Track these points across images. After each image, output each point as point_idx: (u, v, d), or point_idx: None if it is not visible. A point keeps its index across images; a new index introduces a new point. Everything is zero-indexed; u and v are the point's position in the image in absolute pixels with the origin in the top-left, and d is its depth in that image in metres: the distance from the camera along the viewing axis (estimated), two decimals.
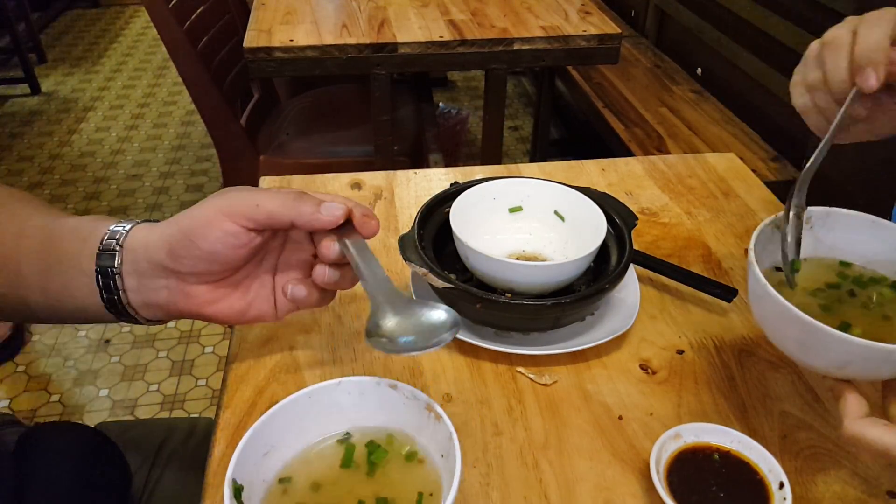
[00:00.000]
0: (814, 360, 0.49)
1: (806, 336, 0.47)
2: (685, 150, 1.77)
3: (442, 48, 1.50)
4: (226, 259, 0.50)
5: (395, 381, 0.49)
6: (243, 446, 0.44)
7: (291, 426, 0.48)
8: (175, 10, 1.52)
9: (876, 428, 0.43)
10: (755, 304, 0.53)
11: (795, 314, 0.47)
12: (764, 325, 0.53)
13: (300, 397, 0.48)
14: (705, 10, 2.12)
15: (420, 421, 0.48)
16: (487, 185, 0.72)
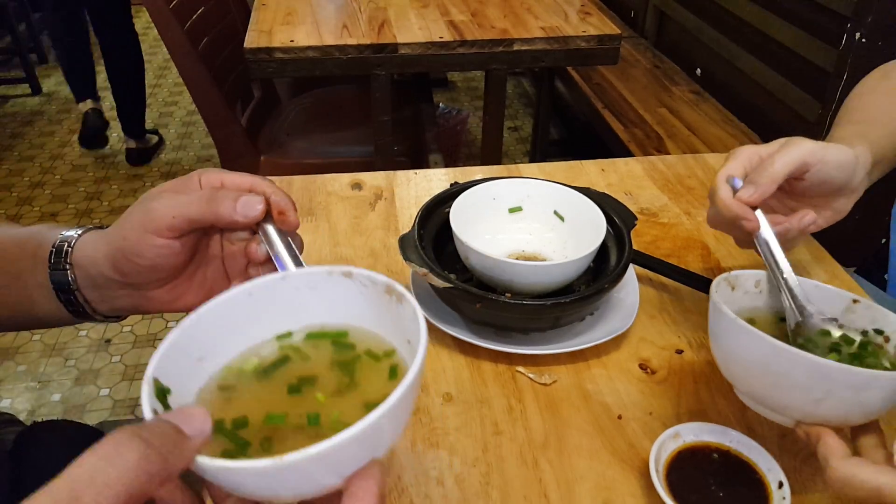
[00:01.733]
0: (788, 398, 0.47)
1: (783, 366, 0.46)
2: (684, 150, 1.77)
3: (442, 49, 1.51)
4: (169, 266, 0.49)
5: (350, 268, 0.44)
6: (169, 344, 0.39)
7: (230, 329, 0.43)
8: (176, 11, 1.52)
9: (865, 467, 0.42)
10: (722, 345, 0.52)
11: (774, 344, 0.45)
12: (733, 367, 0.51)
13: (238, 294, 0.43)
14: (705, 10, 2.12)
15: (381, 309, 0.43)
16: (487, 185, 0.72)
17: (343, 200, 0.86)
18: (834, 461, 0.44)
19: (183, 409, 0.34)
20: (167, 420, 0.32)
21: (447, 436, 0.57)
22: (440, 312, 0.66)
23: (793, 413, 0.48)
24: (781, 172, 0.56)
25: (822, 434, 0.46)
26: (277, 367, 0.43)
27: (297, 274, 0.44)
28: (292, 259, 0.48)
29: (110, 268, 0.49)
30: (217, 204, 0.47)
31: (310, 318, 0.45)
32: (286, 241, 0.49)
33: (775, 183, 0.56)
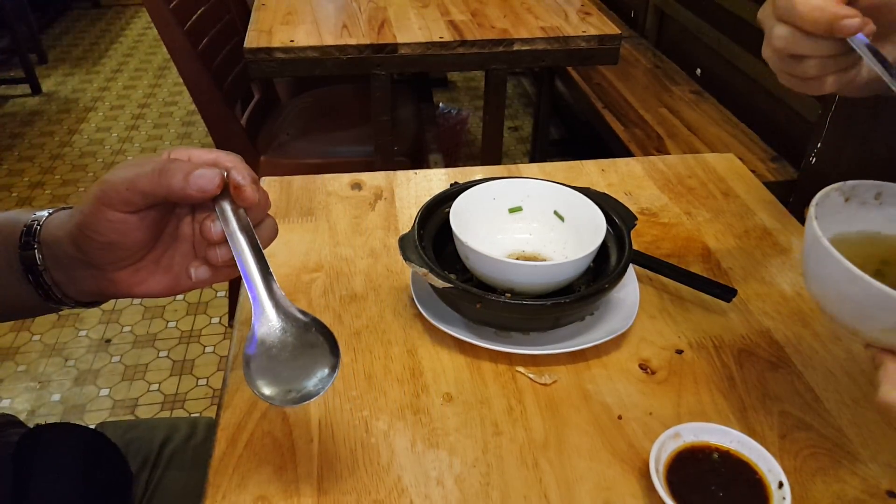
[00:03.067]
0: (860, 323, 0.47)
1: (856, 292, 0.45)
2: (685, 150, 1.77)
3: (442, 49, 1.50)
4: (127, 245, 0.47)
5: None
6: None
7: None
8: (176, 11, 1.52)
9: None
10: (812, 267, 0.50)
11: (848, 268, 0.45)
12: (813, 284, 0.50)
13: None
14: (705, 10, 2.12)
15: None
16: (487, 185, 0.72)
17: (343, 200, 0.86)
18: (883, 387, 0.44)
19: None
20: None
21: (447, 436, 0.57)
22: (440, 312, 0.66)
23: (863, 337, 0.48)
24: None
25: (886, 360, 0.45)
26: None
27: None
28: (248, 242, 0.46)
29: (72, 245, 0.48)
30: (169, 176, 0.44)
31: None
32: (245, 222, 0.47)
33: None
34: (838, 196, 0.53)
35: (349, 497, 0.52)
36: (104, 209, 0.45)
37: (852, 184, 0.52)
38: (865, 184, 0.53)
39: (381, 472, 0.54)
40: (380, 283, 0.73)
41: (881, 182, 0.53)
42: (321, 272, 0.74)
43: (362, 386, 0.61)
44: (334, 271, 0.75)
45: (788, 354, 0.65)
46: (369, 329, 0.67)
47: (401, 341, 0.66)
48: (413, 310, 0.68)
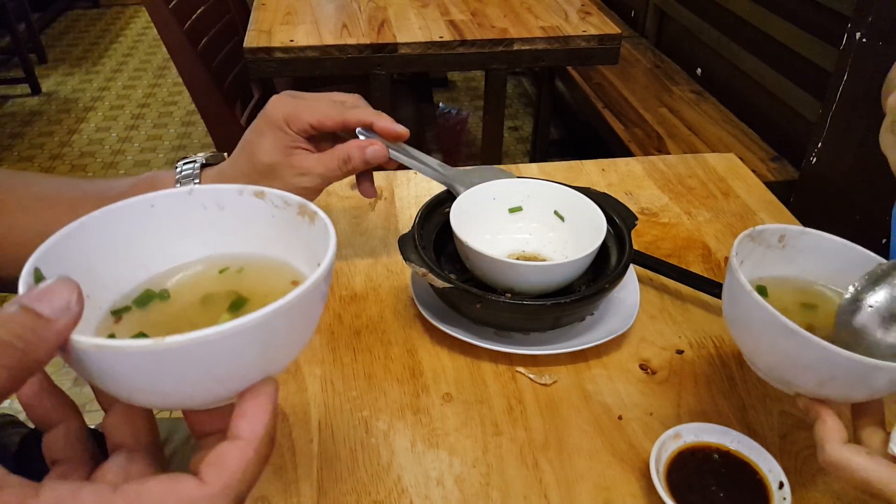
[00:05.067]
0: (794, 376, 0.47)
1: (790, 346, 0.45)
2: (685, 150, 1.77)
3: (442, 48, 1.50)
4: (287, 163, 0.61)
5: (263, 188, 0.40)
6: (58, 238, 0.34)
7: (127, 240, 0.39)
8: (175, 11, 1.52)
9: (859, 457, 0.42)
10: (734, 313, 0.50)
11: (784, 323, 0.44)
12: (742, 336, 0.51)
13: (139, 203, 0.39)
14: (705, 10, 2.12)
15: (292, 233, 0.40)
16: (487, 185, 0.72)
17: (343, 200, 0.86)
18: (829, 445, 0.43)
19: (42, 286, 0.28)
20: (23, 304, 0.27)
21: (447, 436, 0.57)
22: (440, 312, 0.66)
23: (797, 389, 0.47)
24: None
25: (822, 413, 0.45)
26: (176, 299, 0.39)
27: (204, 189, 0.40)
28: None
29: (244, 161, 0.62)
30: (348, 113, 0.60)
31: (213, 246, 0.41)
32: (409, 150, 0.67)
33: None
34: (749, 242, 0.53)
35: (349, 497, 0.52)
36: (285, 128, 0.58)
37: (759, 229, 0.53)
38: (770, 228, 0.54)
39: (381, 473, 0.54)
40: (380, 283, 0.73)
41: (783, 225, 0.54)
42: None
43: (362, 386, 0.61)
44: (334, 271, 0.74)
45: None
46: (369, 329, 0.67)
47: (401, 341, 0.66)
48: (413, 310, 0.68)
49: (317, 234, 0.38)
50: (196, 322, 0.37)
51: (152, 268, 0.40)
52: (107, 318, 0.36)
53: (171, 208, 0.40)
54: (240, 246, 0.41)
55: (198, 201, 0.40)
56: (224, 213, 0.41)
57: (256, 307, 0.31)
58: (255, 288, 0.39)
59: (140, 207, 0.39)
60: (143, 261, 0.40)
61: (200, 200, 0.40)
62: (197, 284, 0.40)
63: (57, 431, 0.32)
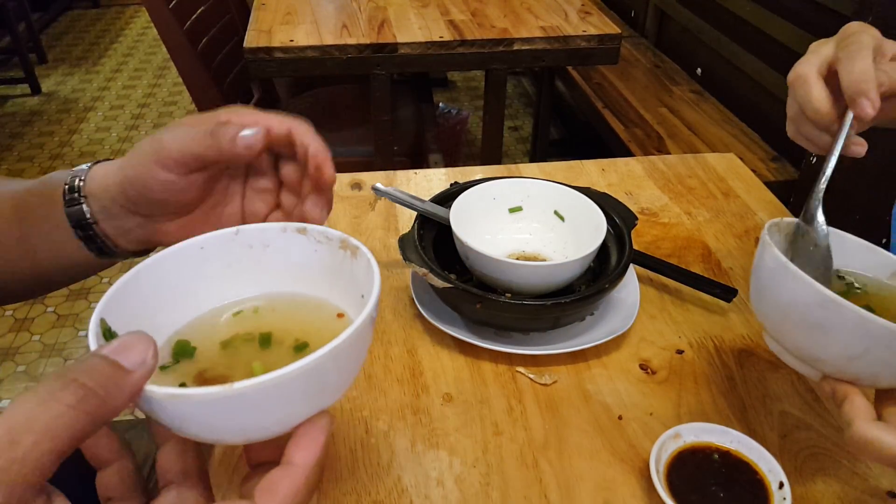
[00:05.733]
0: (823, 350, 0.45)
1: (825, 316, 0.44)
2: (685, 150, 1.77)
3: (442, 48, 1.50)
4: (178, 202, 0.48)
5: (305, 224, 0.43)
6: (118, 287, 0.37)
7: (181, 284, 0.41)
8: (175, 11, 1.52)
9: (888, 433, 0.42)
10: (763, 288, 0.49)
11: (821, 291, 0.43)
12: (770, 311, 0.49)
13: (189, 246, 0.42)
14: (705, 10, 2.12)
15: (335, 266, 0.43)
16: (487, 185, 0.72)
17: (343, 200, 0.86)
18: (857, 422, 0.43)
19: (122, 340, 0.31)
20: (104, 356, 0.30)
21: (447, 436, 0.57)
22: (440, 312, 0.66)
23: (824, 367, 0.46)
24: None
25: (850, 393, 0.45)
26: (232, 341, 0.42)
27: (249, 230, 0.43)
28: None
29: (121, 195, 0.48)
30: (219, 137, 0.45)
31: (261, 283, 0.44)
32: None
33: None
34: (776, 230, 0.53)
35: (349, 497, 0.52)
36: (156, 168, 0.46)
37: (788, 221, 0.53)
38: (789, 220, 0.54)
39: (381, 473, 0.54)
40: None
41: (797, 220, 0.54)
42: None
43: (362, 386, 0.61)
44: None
45: None
46: None
47: (401, 341, 0.66)
48: (413, 310, 0.68)
49: (359, 267, 0.41)
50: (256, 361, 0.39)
51: (204, 308, 0.43)
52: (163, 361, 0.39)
53: (219, 249, 0.43)
54: (286, 281, 0.44)
55: (244, 241, 0.43)
56: (269, 251, 0.44)
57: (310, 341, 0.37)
58: (305, 323, 0.42)
59: (190, 251, 0.42)
60: (197, 302, 0.42)
61: (246, 240, 0.43)
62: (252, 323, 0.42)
63: (111, 469, 0.35)
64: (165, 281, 0.41)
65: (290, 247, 0.44)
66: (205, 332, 0.42)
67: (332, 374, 0.34)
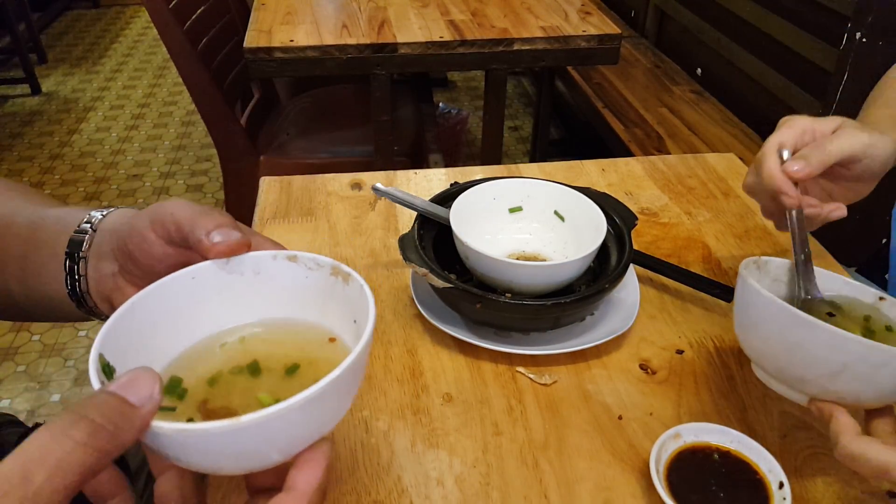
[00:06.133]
0: (804, 370, 0.48)
1: (803, 336, 0.46)
2: (685, 150, 1.77)
3: (442, 48, 1.50)
4: (145, 267, 0.47)
5: (296, 252, 0.44)
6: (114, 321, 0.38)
7: (174, 315, 0.42)
8: (175, 11, 1.52)
9: (875, 446, 0.43)
10: (743, 313, 0.53)
11: (794, 313, 0.46)
12: (753, 339, 0.53)
13: (181, 276, 0.42)
14: (705, 10, 2.12)
15: (326, 291, 0.44)
16: (487, 185, 0.72)
17: (343, 200, 0.86)
18: (844, 438, 0.45)
19: (129, 376, 0.32)
20: (112, 392, 0.31)
21: (447, 436, 0.57)
22: (440, 312, 0.66)
23: (808, 388, 0.49)
24: (834, 157, 0.57)
25: (835, 411, 0.47)
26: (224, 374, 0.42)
27: (241, 258, 0.44)
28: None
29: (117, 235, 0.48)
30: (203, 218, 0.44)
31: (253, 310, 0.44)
32: None
33: (825, 166, 0.57)
34: (755, 267, 0.57)
35: (349, 497, 0.52)
36: (147, 229, 0.46)
37: (765, 259, 0.58)
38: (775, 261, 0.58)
39: (381, 473, 0.54)
40: (380, 283, 0.73)
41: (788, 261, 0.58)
42: None
43: (362, 386, 0.61)
44: None
45: None
46: None
47: (401, 341, 0.66)
48: (413, 310, 0.68)
49: (352, 292, 0.42)
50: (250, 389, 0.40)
51: (197, 337, 0.43)
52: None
53: (211, 278, 0.43)
54: (278, 307, 0.45)
55: (235, 269, 0.44)
56: (260, 278, 0.44)
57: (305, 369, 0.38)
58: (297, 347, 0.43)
59: (182, 280, 0.42)
60: (190, 332, 0.43)
61: (237, 268, 0.44)
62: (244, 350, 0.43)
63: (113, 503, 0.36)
64: (159, 312, 0.41)
65: (281, 273, 0.44)
66: (196, 363, 0.42)
67: (334, 400, 0.35)
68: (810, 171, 0.56)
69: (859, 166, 0.59)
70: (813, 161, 0.57)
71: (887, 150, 0.59)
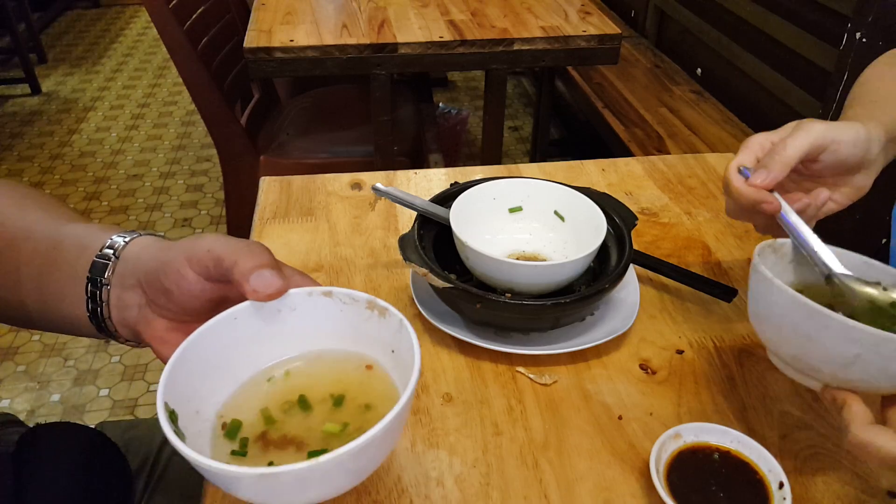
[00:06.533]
0: (817, 360, 0.48)
1: (814, 327, 0.46)
2: (685, 150, 1.77)
3: (442, 48, 1.50)
4: (181, 303, 0.48)
5: (331, 288, 0.46)
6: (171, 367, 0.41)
7: (221, 354, 0.45)
8: (175, 11, 1.52)
9: (885, 435, 0.43)
10: (757, 302, 0.53)
11: (805, 303, 0.46)
12: (764, 325, 0.53)
13: (224, 319, 0.45)
14: (705, 10, 2.12)
15: (362, 323, 0.47)
16: (487, 185, 0.72)
17: (343, 200, 0.86)
18: (854, 427, 0.44)
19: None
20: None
21: (447, 436, 0.57)
22: (440, 312, 0.66)
23: (821, 376, 0.48)
24: (794, 156, 0.56)
25: (848, 399, 0.46)
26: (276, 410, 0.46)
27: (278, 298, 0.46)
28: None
29: (146, 272, 0.48)
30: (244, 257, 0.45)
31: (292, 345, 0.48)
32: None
33: (787, 167, 0.56)
34: (770, 251, 0.56)
35: (349, 497, 0.52)
36: (184, 264, 0.46)
37: (781, 241, 0.57)
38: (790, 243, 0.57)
39: (381, 472, 0.54)
40: (380, 283, 0.73)
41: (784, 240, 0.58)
42: (321, 272, 0.74)
43: None
44: (334, 271, 0.75)
45: None
46: None
47: None
48: (413, 310, 0.68)
49: (388, 326, 0.46)
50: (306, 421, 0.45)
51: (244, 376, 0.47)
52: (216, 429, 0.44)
53: (251, 317, 0.46)
54: (315, 341, 0.48)
55: (273, 307, 0.46)
56: (296, 314, 0.47)
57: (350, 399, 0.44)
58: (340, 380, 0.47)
59: (226, 322, 0.45)
60: (235, 372, 0.47)
61: (275, 306, 0.46)
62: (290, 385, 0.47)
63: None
64: (208, 355, 0.45)
65: (316, 308, 0.47)
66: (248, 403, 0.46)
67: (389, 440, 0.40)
68: (774, 175, 0.56)
69: (828, 156, 0.58)
70: (774, 166, 0.56)
71: (852, 133, 0.57)
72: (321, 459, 0.34)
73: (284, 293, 0.46)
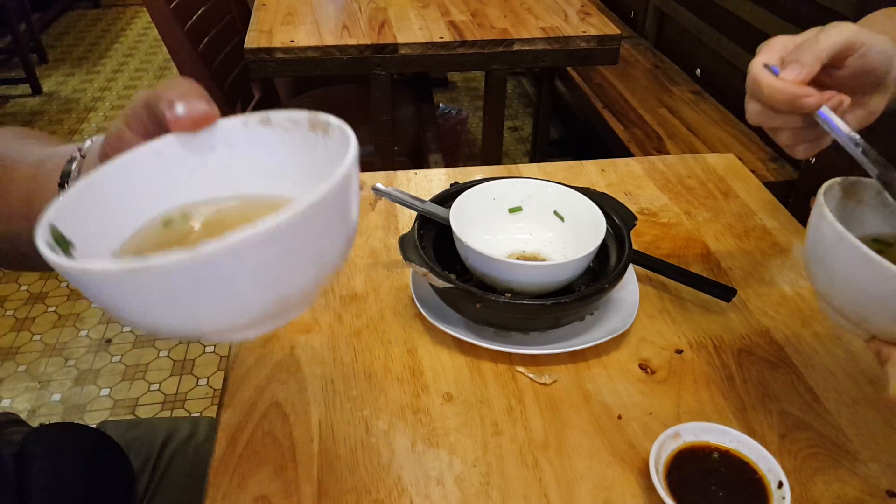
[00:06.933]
0: (874, 315, 0.45)
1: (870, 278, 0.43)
2: (684, 150, 1.77)
3: (442, 49, 1.51)
4: None
5: (268, 113, 0.39)
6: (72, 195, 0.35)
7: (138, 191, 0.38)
8: (176, 11, 1.53)
9: None
10: (815, 247, 0.48)
11: (864, 253, 0.43)
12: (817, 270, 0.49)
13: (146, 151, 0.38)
14: (705, 10, 2.12)
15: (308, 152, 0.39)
16: (487, 185, 0.72)
17: None
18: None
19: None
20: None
21: (447, 436, 0.57)
22: (440, 312, 0.66)
23: (870, 327, 0.46)
24: (827, 50, 0.52)
25: (893, 353, 0.45)
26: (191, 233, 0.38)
27: (212, 130, 0.39)
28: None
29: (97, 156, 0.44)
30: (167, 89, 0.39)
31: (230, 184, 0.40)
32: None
33: (820, 61, 0.52)
34: (838, 189, 0.52)
35: (349, 496, 0.52)
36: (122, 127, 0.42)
37: (852, 180, 0.52)
38: (865, 182, 0.52)
39: (381, 472, 0.54)
40: (380, 283, 0.73)
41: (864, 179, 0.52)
42: None
43: (362, 386, 0.61)
44: None
45: (788, 354, 0.65)
46: (369, 329, 0.67)
47: (401, 341, 0.66)
48: (413, 310, 0.68)
49: (334, 143, 0.37)
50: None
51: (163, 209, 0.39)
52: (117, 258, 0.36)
53: (179, 154, 0.39)
54: (257, 182, 0.40)
55: (205, 143, 0.39)
56: (234, 150, 0.40)
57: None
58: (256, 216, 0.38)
59: (146, 156, 0.38)
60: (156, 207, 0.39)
61: (207, 142, 0.39)
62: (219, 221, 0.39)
63: None
64: (123, 189, 0.38)
65: (256, 143, 0.40)
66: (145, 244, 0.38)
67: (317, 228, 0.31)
68: (809, 70, 0.51)
69: (857, 60, 0.54)
70: (807, 59, 0.52)
71: (883, 43, 0.54)
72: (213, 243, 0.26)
73: (213, 121, 0.39)
